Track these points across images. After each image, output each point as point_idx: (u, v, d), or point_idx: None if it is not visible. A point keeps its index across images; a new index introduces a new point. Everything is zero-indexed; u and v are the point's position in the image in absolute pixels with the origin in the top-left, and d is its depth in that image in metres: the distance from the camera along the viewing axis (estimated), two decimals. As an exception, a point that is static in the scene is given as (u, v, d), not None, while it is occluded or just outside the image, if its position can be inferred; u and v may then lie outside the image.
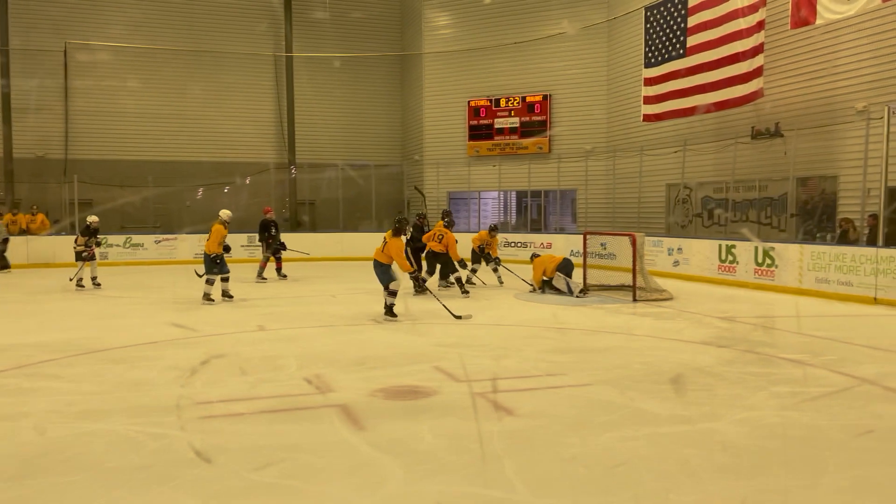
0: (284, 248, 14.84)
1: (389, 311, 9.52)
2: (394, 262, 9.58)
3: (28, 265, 18.02)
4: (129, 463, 4.17)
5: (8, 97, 20.80)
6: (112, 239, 19.17)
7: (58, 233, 19.62)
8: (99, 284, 13.65)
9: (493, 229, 13.65)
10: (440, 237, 12.31)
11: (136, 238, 19.55)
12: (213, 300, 11.27)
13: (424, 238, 12.74)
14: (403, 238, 9.84)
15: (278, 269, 14.99)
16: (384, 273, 9.59)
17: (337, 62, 24.05)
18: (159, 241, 19.60)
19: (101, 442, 4.52)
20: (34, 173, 21.22)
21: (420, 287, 11.16)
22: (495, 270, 13.63)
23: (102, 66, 21.98)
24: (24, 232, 18.89)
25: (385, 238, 9.68)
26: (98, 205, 21.41)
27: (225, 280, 11.49)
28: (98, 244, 13.95)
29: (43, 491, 3.83)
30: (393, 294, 9.53)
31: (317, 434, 4.70)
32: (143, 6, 22.38)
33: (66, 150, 21.83)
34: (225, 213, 11.78)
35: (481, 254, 13.46)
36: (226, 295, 11.54)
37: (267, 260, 14.89)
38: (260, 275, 14.63)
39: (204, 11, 23.02)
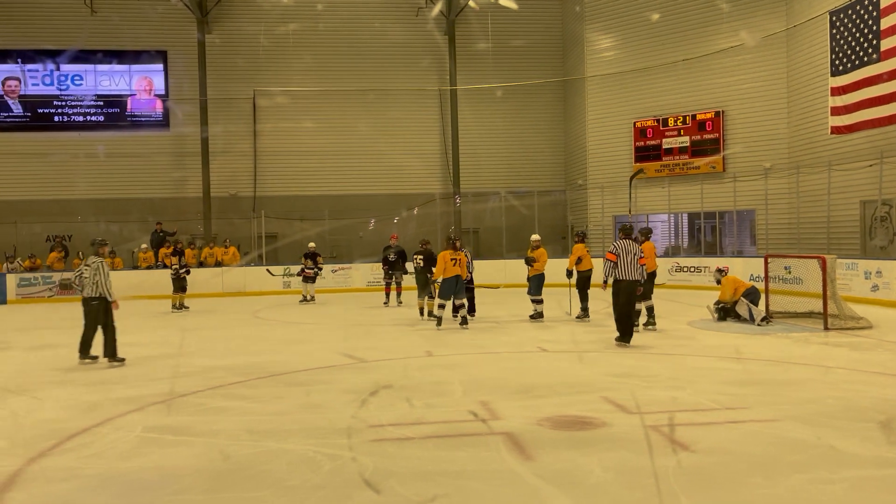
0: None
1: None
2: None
3: (223, 294, 19.78)
4: (307, 482, 4.37)
5: (206, 142, 23.10)
6: (294, 269, 20.57)
7: (248, 264, 21.37)
8: (313, 298, 17.11)
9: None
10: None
11: (315, 268, 20.80)
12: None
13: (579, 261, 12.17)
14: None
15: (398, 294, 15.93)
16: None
17: (499, 92, 24.41)
18: (336, 271, 20.79)
19: (282, 461, 4.78)
20: (227, 210, 23.33)
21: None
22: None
23: (284, 109, 23.83)
24: (219, 264, 20.78)
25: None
26: (282, 238, 23.13)
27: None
28: (317, 266, 17.16)
29: (231, 505, 4.10)
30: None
31: (483, 461, 4.67)
32: (318, 52, 24.06)
33: (254, 188, 23.82)
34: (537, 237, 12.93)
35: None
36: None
37: (397, 285, 15.84)
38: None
39: (372, 52, 24.28)
